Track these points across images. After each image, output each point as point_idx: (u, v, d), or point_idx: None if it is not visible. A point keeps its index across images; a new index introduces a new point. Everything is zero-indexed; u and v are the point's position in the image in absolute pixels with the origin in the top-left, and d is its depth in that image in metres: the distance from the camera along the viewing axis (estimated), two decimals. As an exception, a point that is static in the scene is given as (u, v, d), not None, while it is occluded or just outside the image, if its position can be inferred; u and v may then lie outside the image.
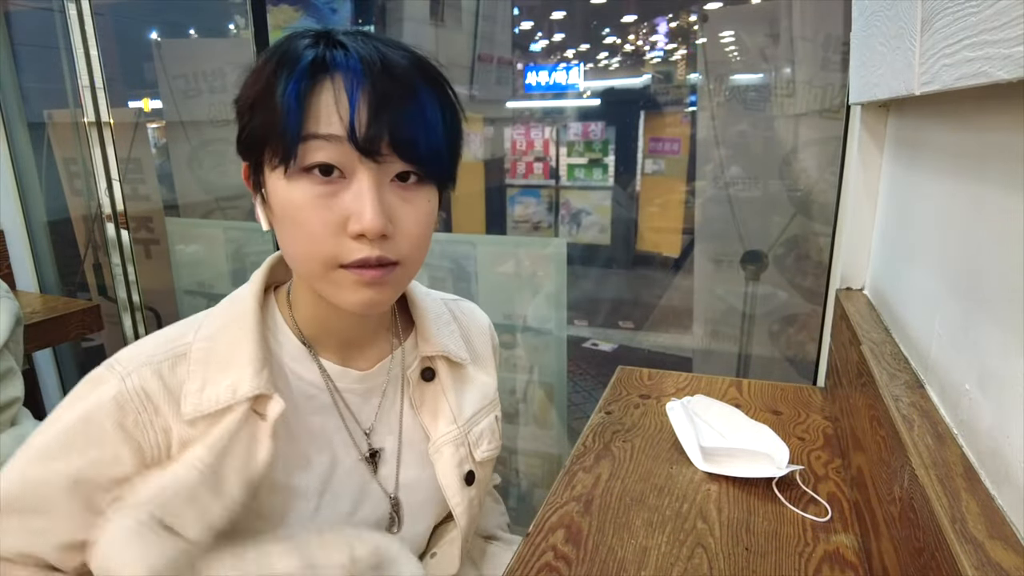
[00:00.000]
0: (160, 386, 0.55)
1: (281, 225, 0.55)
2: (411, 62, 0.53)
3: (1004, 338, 0.46)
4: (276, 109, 0.50)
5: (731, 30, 1.56)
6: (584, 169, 2.34)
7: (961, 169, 0.59)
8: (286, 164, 0.51)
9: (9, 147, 1.86)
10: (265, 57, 0.53)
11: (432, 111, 0.53)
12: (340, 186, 0.52)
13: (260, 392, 0.56)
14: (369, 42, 0.52)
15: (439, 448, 0.68)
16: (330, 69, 0.50)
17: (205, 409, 0.55)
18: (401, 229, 0.54)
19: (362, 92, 0.49)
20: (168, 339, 0.58)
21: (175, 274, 1.94)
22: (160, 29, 2.08)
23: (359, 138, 0.49)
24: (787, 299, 1.59)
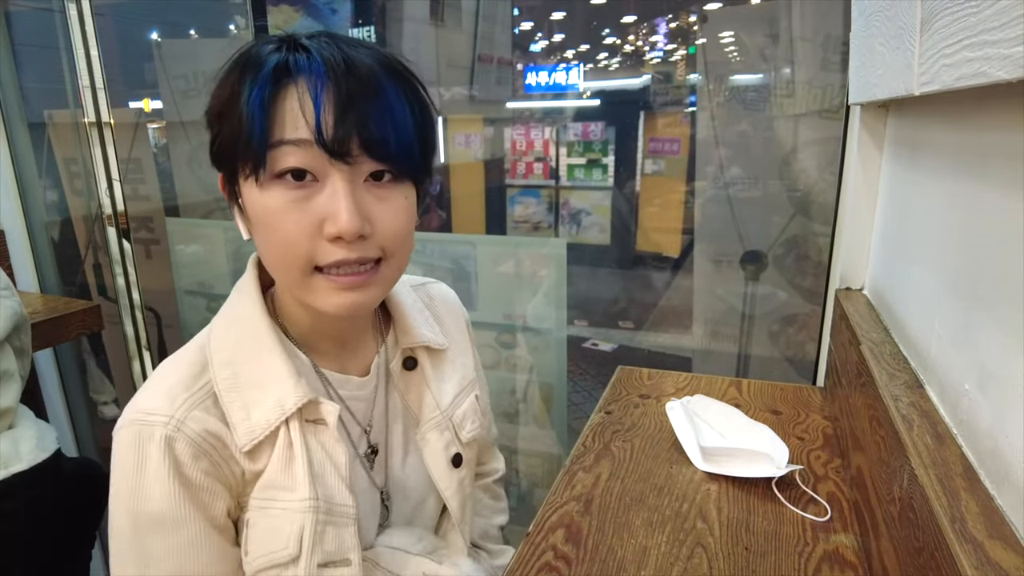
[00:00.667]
0: (218, 424, 0.55)
1: (258, 232, 0.55)
2: (376, 60, 0.52)
3: (1004, 338, 0.46)
4: (242, 117, 0.49)
5: (731, 30, 1.56)
6: (584, 169, 2.34)
7: (961, 169, 0.59)
8: (257, 172, 0.50)
9: (9, 147, 1.86)
10: (229, 66, 0.53)
11: (400, 107, 0.52)
12: (313, 189, 0.51)
13: (308, 399, 0.56)
14: (333, 43, 0.52)
15: (424, 435, 0.68)
16: (293, 73, 0.50)
17: (259, 432, 0.55)
18: (379, 227, 0.54)
19: (327, 93, 0.49)
20: (190, 375, 0.56)
21: (175, 274, 1.94)
22: (160, 29, 2.08)
23: (327, 141, 0.49)
24: (787, 299, 1.59)
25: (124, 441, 0.53)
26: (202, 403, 0.55)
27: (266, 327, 0.59)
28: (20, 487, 1.09)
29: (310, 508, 0.55)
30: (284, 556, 0.54)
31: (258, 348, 0.58)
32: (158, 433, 0.52)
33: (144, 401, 0.55)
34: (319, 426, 0.58)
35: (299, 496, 0.55)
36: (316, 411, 0.58)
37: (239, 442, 0.55)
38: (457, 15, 2.39)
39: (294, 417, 0.56)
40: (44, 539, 1.16)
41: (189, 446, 0.52)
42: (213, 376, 0.56)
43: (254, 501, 0.56)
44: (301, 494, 0.55)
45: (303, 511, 0.55)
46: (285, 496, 0.55)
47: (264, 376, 0.57)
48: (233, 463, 0.55)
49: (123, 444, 0.53)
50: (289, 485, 0.55)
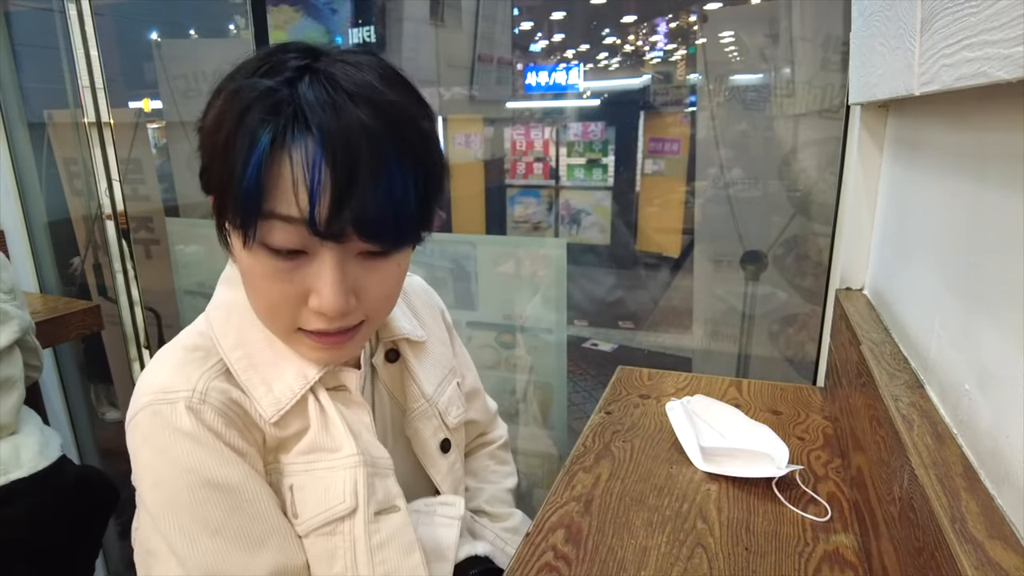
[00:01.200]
0: (239, 393, 0.56)
1: (244, 281, 0.55)
2: (383, 121, 0.47)
3: (1004, 338, 0.46)
4: (233, 181, 0.46)
5: (731, 30, 1.56)
6: (584, 169, 2.34)
7: (961, 169, 0.59)
8: (244, 237, 0.48)
9: (9, 147, 1.86)
10: (223, 104, 0.48)
11: (402, 184, 0.49)
12: (302, 261, 0.50)
13: (328, 368, 0.58)
14: (334, 100, 0.46)
15: (412, 423, 0.69)
16: (288, 146, 0.46)
17: (285, 402, 0.56)
18: (366, 296, 0.53)
19: (324, 175, 0.45)
20: (197, 357, 0.56)
21: (175, 274, 1.94)
22: (160, 29, 2.08)
23: (320, 227, 0.46)
24: (787, 299, 1.59)
25: (145, 424, 0.53)
26: (219, 376, 0.55)
27: None
28: (20, 494, 1.08)
29: (359, 463, 0.56)
30: (342, 510, 0.56)
31: (262, 333, 0.58)
32: (182, 406, 0.52)
33: (156, 382, 0.54)
34: (341, 392, 0.60)
35: (346, 453, 0.57)
36: (336, 379, 0.60)
37: (265, 413, 0.55)
38: (457, 15, 2.39)
39: (318, 386, 0.58)
40: (45, 547, 1.15)
41: (218, 415, 0.53)
42: (226, 357, 0.56)
43: (294, 466, 0.57)
44: (348, 451, 0.57)
45: (353, 466, 0.56)
46: (330, 456, 0.57)
47: (278, 354, 0.57)
48: (255, 430, 0.56)
49: (145, 427, 0.53)
50: (332, 446, 0.57)
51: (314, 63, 0.48)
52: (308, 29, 2.33)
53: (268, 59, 0.49)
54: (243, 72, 0.49)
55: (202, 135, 0.51)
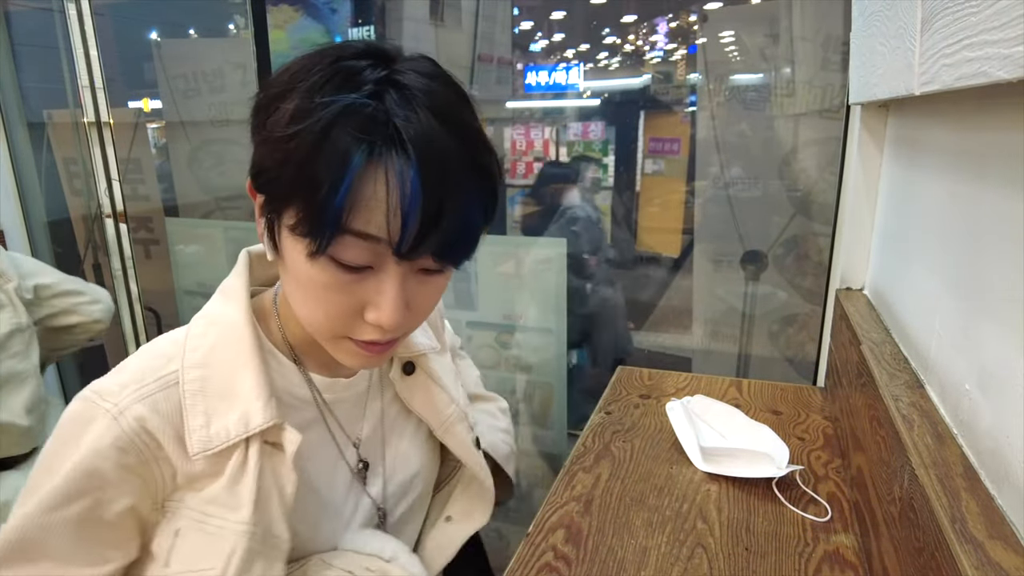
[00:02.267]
0: (159, 422, 0.52)
1: (293, 286, 0.52)
2: (466, 146, 0.47)
3: (1004, 338, 0.46)
4: (317, 196, 0.44)
5: (731, 30, 1.56)
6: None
7: (961, 169, 0.59)
8: (312, 248, 0.46)
9: (9, 147, 1.86)
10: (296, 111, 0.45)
11: (478, 209, 0.49)
12: (366, 274, 0.49)
13: (273, 423, 0.54)
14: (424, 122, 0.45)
15: (448, 428, 0.69)
16: (385, 166, 0.44)
17: (215, 445, 0.53)
18: (416, 309, 0.52)
19: (418, 199, 0.44)
20: (152, 367, 0.54)
21: (175, 274, 1.94)
22: (160, 29, 2.08)
23: (404, 250, 0.46)
24: (787, 299, 1.59)
25: (68, 413, 0.53)
26: (150, 396, 0.52)
27: (248, 336, 0.56)
28: None
29: (245, 532, 0.53)
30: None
31: (234, 358, 0.55)
32: (98, 416, 0.51)
33: (102, 383, 0.53)
34: (276, 450, 0.56)
35: (238, 518, 0.53)
36: (278, 435, 0.55)
37: (191, 449, 0.52)
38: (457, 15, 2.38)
39: (255, 438, 0.54)
40: None
41: (118, 439, 0.51)
42: (180, 375, 0.54)
43: (190, 512, 0.54)
44: (241, 516, 0.53)
45: (238, 533, 0.53)
46: (224, 514, 0.53)
47: (234, 389, 0.54)
48: (165, 464, 0.53)
49: (66, 415, 0.53)
50: (231, 504, 0.53)
51: (392, 75, 0.47)
52: (308, 29, 2.32)
53: (338, 66, 0.47)
54: (317, 72, 0.46)
55: (261, 137, 0.49)
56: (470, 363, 0.94)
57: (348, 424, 0.64)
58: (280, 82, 0.49)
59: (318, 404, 0.61)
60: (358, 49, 0.48)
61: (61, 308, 1.32)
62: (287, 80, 0.48)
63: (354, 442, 0.65)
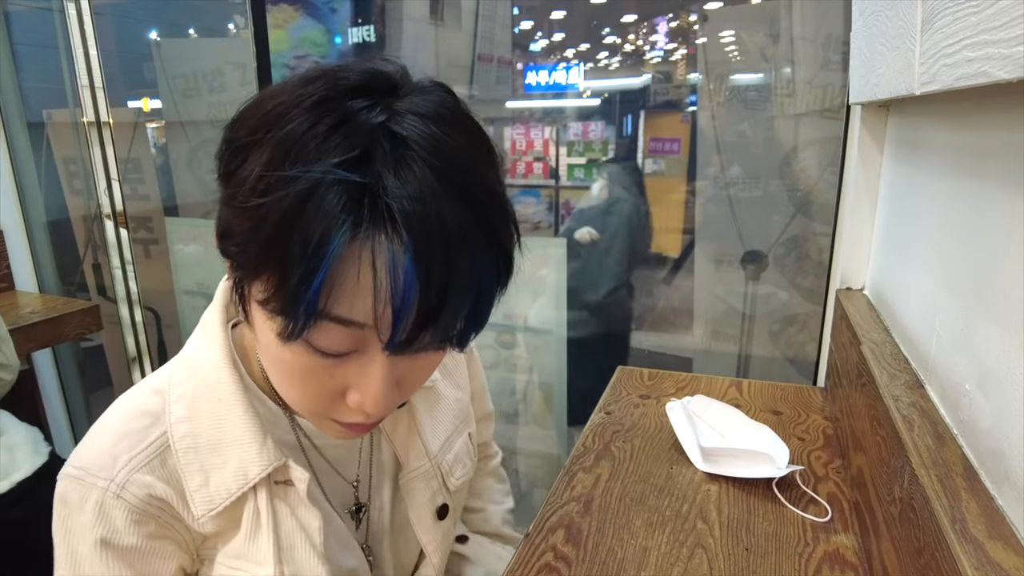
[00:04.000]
0: (164, 487, 0.49)
1: (266, 359, 0.46)
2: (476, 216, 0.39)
3: (1004, 338, 0.46)
4: (289, 276, 0.36)
5: (731, 30, 1.56)
6: (584, 169, 2.34)
7: (961, 169, 0.59)
8: (287, 335, 0.39)
9: (8, 147, 1.86)
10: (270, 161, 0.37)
11: (490, 286, 0.41)
12: (349, 357, 0.42)
13: (274, 465, 0.50)
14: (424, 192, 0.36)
15: (409, 483, 0.62)
16: (371, 248, 0.36)
17: (218, 504, 0.49)
18: (405, 386, 0.46)
19: (414, 291, 0.37)
20: (136, 430, 0.49)
21: (174, 274, 1.94)
22: (160, 29, 2.08)
23: (395, 345, 0.39)
24: (787, 299, 1.59)
25: (61, 494, 0.48)
26: (147, 463, 0.48)
27: (227, 378, 0.51)
28: (26, 493, 1.07)
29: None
30: None
31: (217, 406, 0.50)
32: (94, 496, 0.47)
33: (86, 454, 0.49)
34: (288, 488, 0.52)
35: (265, 574, 0.50)
36: (285, 473, 0.52)
37: (195, 512, 0.49)
38: (457, 14, 2.38)
39: (262, 483, 0.50)
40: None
41: (130, 513, 0.47)
42: (170, 433, 0.49)
43: (220, 567, 0.52)
44: (267, 572, 0.50)
45: None
46: (252, 570, 0.51)
47: (224, 439, 0.50)
48: (180, 525, 0.50)
49: (59, 498, 0.48)
50: (256, 559, 0.50)
51: (390, 121, 0.38)
52: (308, 29, 2.32)
53: (329, 105, 0.38)
54: (295, 117, 0.38)
55: (231, 186, 0.40)
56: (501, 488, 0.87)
57: (342, 466, 0.60)
58: (250, 123, 0.40)
59: (304, 449, 0.57)
60: (352, 82, 0.39)
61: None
62: (258, 122, 0.39)
63: (352, 483, 0.61)
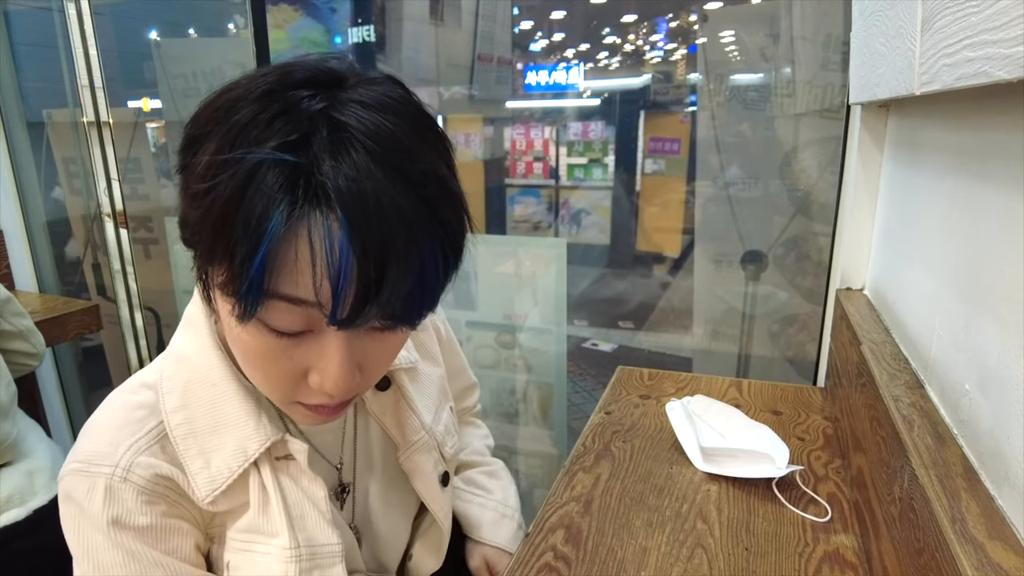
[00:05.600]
0: (170, 468, 0.50)
1: (231, 344, 0.48)
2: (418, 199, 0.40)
3: (1004, 338, 0.46)
4: (234, 256, 0.38)
5: (731, 30, 1.56)
6: (584, 169, 2.35)
7: (961, 169, 0.59)
8: (240, 315, 0.41)
9: (8, 147, 1.86)
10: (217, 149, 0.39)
11: (435, 267, 0.42)
12: (305, 337, 0.43)
13: (272, 440, 0.52)
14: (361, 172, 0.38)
15: (410, 457, 0.64)
16: (308, 226, 0.38)
17: (220, 483, 0.51)
18: (370, 367, 0.48)
19: (351, 266, 0.38)
20: (133, 420, 0.51)
21: (174, 274, 1.94)
22: (159, 29, 2.08)
23: (339, 319, 0.40)
24: (787, 299, 1.58)
25: (65, 492, 0.49)
26: (149, 448, 0.50)
27: (218, 364, 0.52)
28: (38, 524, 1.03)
29: (292, 557, 0.52)
30: None
31: (211, 391, 0.52)
32: (101, 483, 0.48)
33: (85, 448, 0.50)
34: (289, 461, 0.54)
35: (280, 544, 0.52)
36: (284, 448, 0.53)
37: (199, 493, 0.50)
38: (457, 14, 2.38)
39: (263, 458, 0.52)
40: None
41: (140, 494, 0.48)
42: (166, 422, 0.51)
43: (234, 542, 0.53)
44: (282, 542, 0.52)
45: (285, 560, 0.52)
46: (267, 541, 0.52)
47: (221, 420, 0.52)
48: (190, 504, 0.51)
49: (64, 496, 0.49)
50: (269, 530, 0.52)
51: (330, 108, 0.39)
52: (308, 28, 2.32)
53: (274, 96, 0.40)
54: (242, 108, 0.40)
55: (186, 177, 0.42)
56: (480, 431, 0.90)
57: (325, 447, 0.61)
58: (203, 118, 0.42)
59: (292, 434, 0.58)
60: (300, 76, 0.41)
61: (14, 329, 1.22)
62: (209, 116, 0.42)
63: (336, 465, 0.62)
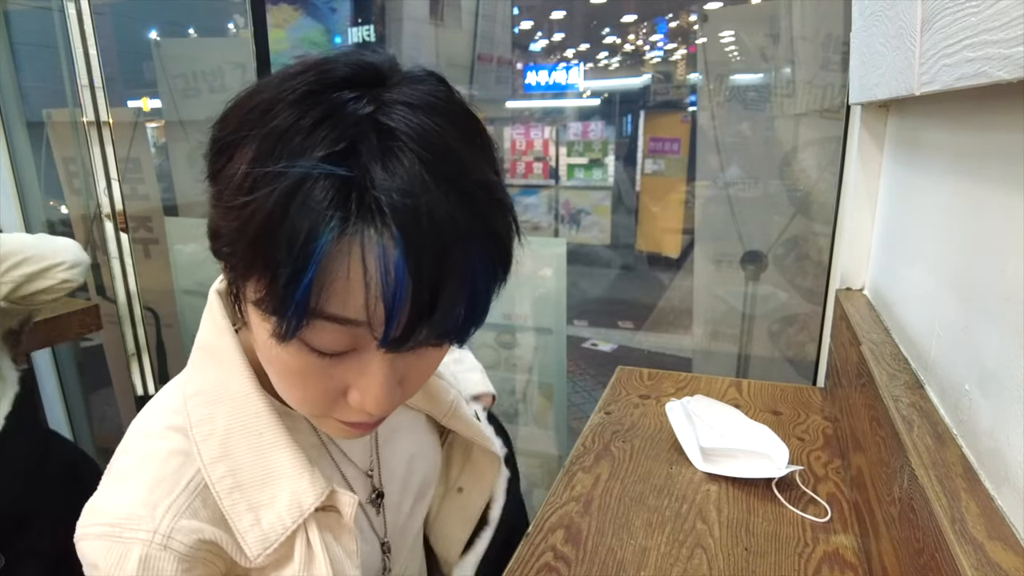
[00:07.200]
0: (212, 530, 0.47)
1: (264, 359, 0.45)
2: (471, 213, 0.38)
3: (1004, 338, 0.46)
4: (278, 275, 0.36)
5: (731, 30, 1.56)
6: (584, 169, 2.35)
7: (961, 169, 0.59)
8: (281, 335, 0.38)
9: (8, 146, 1.86)
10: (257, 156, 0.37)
11: (487, 283, 0.40)
12: (347, 356, 0.41)
13: (327, 492, 0.49)
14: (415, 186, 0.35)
15: (453, 413, 0.64)
16: (361, 244, 0.35)
17: (274, 540, 0.48)
18: (408, 384, 0.46)
19: (406, 286, 0.36)
20: (169, 472, 0.47)
21: (174, 274, 1.94)
22: (159, 28, 2.08)
23: (389, 342, 0.38)
24: (787, 299, 1.58)
25: (92, 557, 0.44)
26: (189, 506, 0.46)
27: (264, 410, 0.49)
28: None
29: None
30: None
31: (257, 440, 0.49)
32: (136, 551, 0.43)
33: (115, 507, 0.45)
34: (330, 513, 0.51)
35: None
36: (332, 499, 0.51)
37: (251, 552, 0.47)
38: (457, 14, 2.38)
39: (312, 519, 0.49)
40: None
41: (180, 562, 0.45)
42: (206, 474, 0.47)
43: None
44: None
45: None
46: None
47: (271, 472, 0.48)
48: (231, 561, 0.49)
49: (92, 560, 0.44)
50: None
51: (377, 112, 0.37)
52: (308, 28, 2.32)
53: (315, 98, 0.37)
54: (280, 112, 0.37)
55: (219, 185, 0.39)
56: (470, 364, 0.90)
57: (354, 452, 0.59)
58: (235, 120, 0.39)
59: (325, 444, 0.56)
60: (338, 75, 0.38)
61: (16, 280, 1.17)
62: (242, 120, 0.39)
63: (367, 472, 0.60)
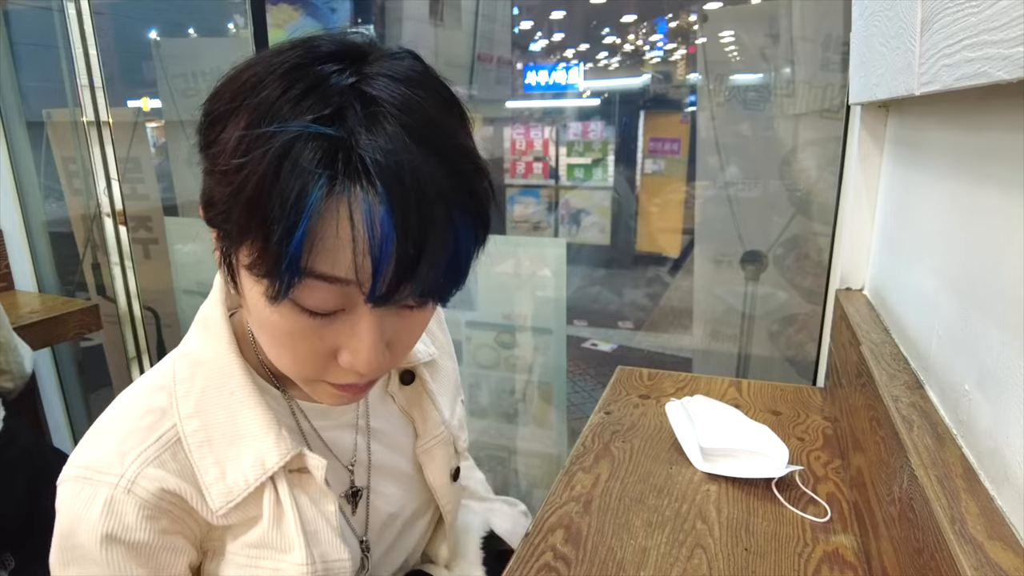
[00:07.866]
0: (177, 481, 0.49)
1: (256, 326, 0.47)
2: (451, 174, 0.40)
3: (1003, 338, 0.46)
4: (270, 235, 0.38)
5: (731, 30, 1.56)
6: (584, 169, 2.34)
7: (961, 169, 0.59)
8: (270, 294, 0.40)
9: (8, 146, 1.86)
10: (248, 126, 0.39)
11: (468, 243, 0.43)
12: (336, 316, 0.43)
13: (292, 454, 0.51)
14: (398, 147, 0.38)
15: (428, 450, 0.65)
16: (348, 202, 0.38)
17: (237, 495, 0.50)
18: (397, 346, 0.47)
19: (392, 242, 0.38)
20: (144, 426, 0.50)
21: (174, 274, 1.94)
22: (159, 28, 2.08)
23: (378, 296, 0.40)
24: (787, 299, 1.58)
25: (64, 498, 0.47)
26: (157, 457, 0.48)
27: (238, 372, 0.52)
28: None
29: (308, 574, 0.51)
30: None
31: (229, 399, 0.51)
32: (102, 493, 0.46)
33: (89, 453, 0.48)
34: (303, 475, 0.53)
35: (295, 560, 0.51)
36: (301, 462, 0.53)
37: (213, 505, 0.49)
38: (457, 14, 2.38)
39: (279, 472, 0.51)
40: None
41: (142, 508, 0.47)
42: (180, 429, 0.50)
43: (236, 557, 0.52)
44: (297, 558, 0.51)
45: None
46: (277, 556, 0.52)
47: (239, 429, 0.51)
48: (196, 515, 0.50)
49: (63, 502, 0.48)
50: (281, 545, 0.52)
51: (361, 82, 0.39)
52: (307, 28, 2.32)
53: (301, 71, 0.40)
54: (269, 84, 0.40)
55: (211, 154, 0.42)
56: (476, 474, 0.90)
57: (338, 446, 0.61)
58: (227, 94, 0.42)
59: (304, 433, 0.58)
60: (326, 49, 0.41)
61: None
62: (234, 93, 0.41)
63: (347, 465, 0.61)
